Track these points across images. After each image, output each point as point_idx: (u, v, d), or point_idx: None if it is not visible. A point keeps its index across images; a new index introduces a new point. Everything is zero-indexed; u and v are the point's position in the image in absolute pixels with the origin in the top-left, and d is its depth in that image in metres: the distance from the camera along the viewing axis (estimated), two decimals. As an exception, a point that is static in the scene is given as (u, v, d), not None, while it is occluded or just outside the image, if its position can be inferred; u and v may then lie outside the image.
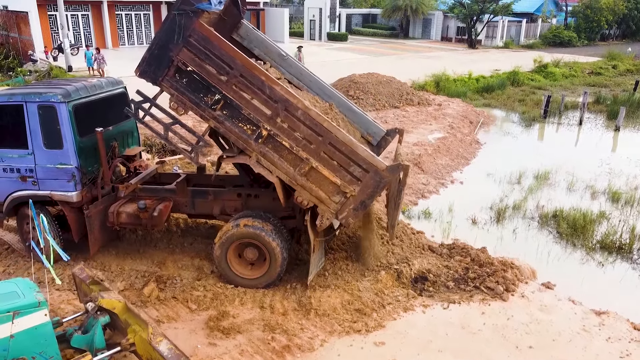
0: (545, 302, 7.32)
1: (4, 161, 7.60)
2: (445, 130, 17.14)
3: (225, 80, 6.70)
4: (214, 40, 6.63)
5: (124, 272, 7.71)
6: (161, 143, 14.75)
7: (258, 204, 7.88)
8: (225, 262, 7.37)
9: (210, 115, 6.87)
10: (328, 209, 6.84)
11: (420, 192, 12.38)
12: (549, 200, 12.00)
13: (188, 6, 6.51)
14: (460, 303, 7.14)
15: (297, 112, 6.64)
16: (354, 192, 6.71)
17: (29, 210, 7.66)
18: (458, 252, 8.45)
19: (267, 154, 6.87)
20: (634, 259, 9.52)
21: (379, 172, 6.62)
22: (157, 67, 6.83)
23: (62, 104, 7.18)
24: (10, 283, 4.75)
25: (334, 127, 6.65)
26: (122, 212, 7.74)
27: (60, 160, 7.39)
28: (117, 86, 8.52)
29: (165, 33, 6.71)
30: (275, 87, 6.64)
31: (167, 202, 7.97)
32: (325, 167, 6.70)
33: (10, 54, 30.95)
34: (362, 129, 8.43)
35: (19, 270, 7.77)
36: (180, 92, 6.87)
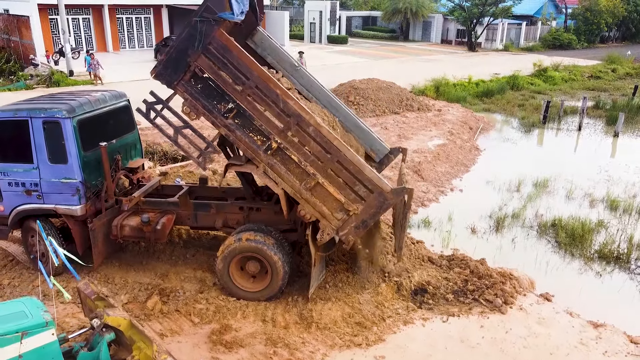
0: (543, 315, 7.41)
1: (9, 175, 7.70)
2: (445, 136, 17.23)
3: (241, 90, 6.77)
4: (233, 49, 6.69)
5: (127, 285, 7.81)
6: (163, 151, 14.89)
7: (260, 217, 7.97)
8: (228, 276, 7.47)
9: (222, 123, 6.94)
10: (329, 225, 6.94)
11: (420, 200, 12.47)
12: (548, 209, 12.10)
13: (210, 14, 6.56)
14: (460, 316, 7.24)
15: (308, 128, 6.73)
16: (357, 210, 6.82)
17: (33, 224, 7.79)
18: (457, 264, 8.55)
19: (274, 165, 6.95)
20: (631, 269, 9.62)
21: (384, 194, 6.72)
22: (173, 71, 6.87)
23: (67, 119, 7.28)
24: (18, 303, 4.85)
25: (343, 145, 6.75)
26: (125, 225, 7.85)
27: (65, 174, 7.49)
28: (120, 99, 8.61)
29: (185, 38, 6.76)
30: (289, 102, 6.72)
31: (170, 215, 8.07)
32: (331, 183, 6.80)
33: (11, 58, 31.09)
34: (367, 145, 8.51)
35: (24, 283, 7.88)
36: (194, 97, 6.93)
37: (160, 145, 15.31)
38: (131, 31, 38.38)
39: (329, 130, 6.79)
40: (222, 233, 8.48)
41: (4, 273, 8.18)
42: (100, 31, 36.42)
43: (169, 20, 39.40)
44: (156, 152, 14.89)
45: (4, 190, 7.80)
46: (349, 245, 7.10)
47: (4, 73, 29.84)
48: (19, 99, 21.49)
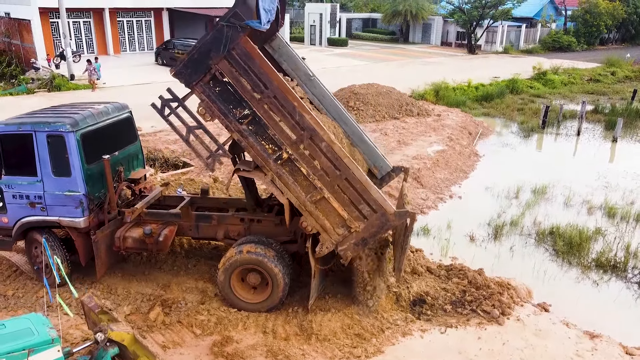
0: (540, 326, 7.51)
1: (13, 188, 7.80)
2: (444, 142, 17.33)
3: (258, 98, 6.84)
4: (255, 57, 6.76)
5: (130, 296, 7.92)
6: (164, 157, 14.98)
7: (260, 228, 8.08)
8: (229, 287, 7.57)
9: (236, 128, 7.01)
10: (330, 239, 7.05)
11: (420, 207, 12.57)
12: (546, 216, 12.20)
13: (238, 20, 6.61)
14: (457, 327, 7.34)
15: (321, 143, 6.82)
16: (359, 228, 6.94)
17: (37, 235, 7.90)
18: (455, 274, 8.65)
19: (283, 175, 7.04)
20: (628, 277, 9.73)
21: (386, 215, 6.84)
22: (193, 71, 6.93)
23: (71, 133, 7.39)
24: (24, 319, 4.95)
25: (353, 164, 6.85)
26: (128, 237, 7.95)
27: (69, 187, 7.60)
28: (122, 111, 8.72)
29: (210, 41, 6.79)
30: (306, 115, 6.80)
31: (172, 226, 8.17)
32: (337, 199, 6.91)
33: (12, 61, 31.18)
34: (371, 161, 8.61)
35: (28, 294, 7.98)
36: (211, 99, 7.00)
37: (162, 151, 15.43)
38: (132, 34, 38.49)
39: (341, 148, 6.89)
40: (223, 244, 8.57)
41: (8, 284, 8.29)
42: (101, 34, 36.53)
43: (169, 23, 39.53)
44: (157, 158, 14.99)
45: (9, 202, 7.89)
46: (346, 261, 7.21)
47: (5, 76, 29.95)
48: (20, 104, 21.59)
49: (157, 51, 33.59)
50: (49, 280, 7.81)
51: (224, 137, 7.72)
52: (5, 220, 8.04)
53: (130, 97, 23.03)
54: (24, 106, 21.15)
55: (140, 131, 17.06)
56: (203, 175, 13.38)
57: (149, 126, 17.39)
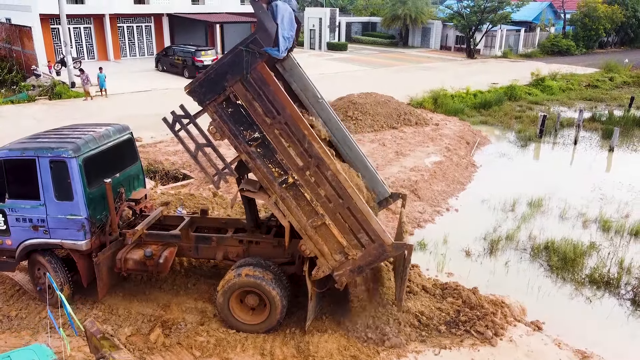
0: (532, 347, 7.67)
1: (16, 211, 7.97)
2: (441, 152, 17.49)
3: (269, 123, 7.00)
4: (270, 84, 6.93)
5: (130, 316, 8.08)
6: (164, 170, 15.14)
7: (259, 250, 8.24)
8: (228, 309, 7.74)
9: (245, 150, 7.18)
10: (327, 264, 7.24)
11: (417, 221, 12.73)
12: (542, 230, 12.36)
13: (257, 47, 6.79)
14: (451, 348, 7.50)
15: (327, 172, 7.01)
16: (356, 256, 7.12)
17: (39, 257, 8.07)
18: (450, 293, 8.80)
19: (286, 199, 7.22)
20: (621, 294, 9.87)
21: (384, 246, 7.04)
22: (208, 91, 7.09)
23: (73, 159, 7.54)
24: (28, 351, 5.11)
25: (356, 194, 7.03)
26: (129, 259, 8.12)
27: (71, 211, 7.76)
28: (124, 133, 8.88)
29: (227, 63, 6.94)
30: (314, 144, 6.98)
31: (172, 247, 8.34)
32: (337, 226, 7.10)
33: (13, 68, 31.36)
34: (370, 186, 8.77)
35: (31, 315, 8.14)
36: (223, 119, 7.16)
37: (162, 163, 15.59)
38: (132, 40, 38.70)
39: (346, 178, 7.06)
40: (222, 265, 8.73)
41: (11, 304, 8.45)
42: (101, 40, 36.75)
43: (169, 28, 39.73)
44: (157, 171, 15.15)
45: (12, 225, 8.05)
46: (341, 286, 7.38)
47: (6, 83, 30.15)
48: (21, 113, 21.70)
49: (157, 57, 33.77)
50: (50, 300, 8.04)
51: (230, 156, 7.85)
52: (9, 243, 8.20)
53: (130, 105, 23.40)
54: (25, 115, 21.37)
55: (140, 142, 17.30)
56: (203, 189, 13.54)
57: (149, 137, 17.57)
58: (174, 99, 7.55)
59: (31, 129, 15.58)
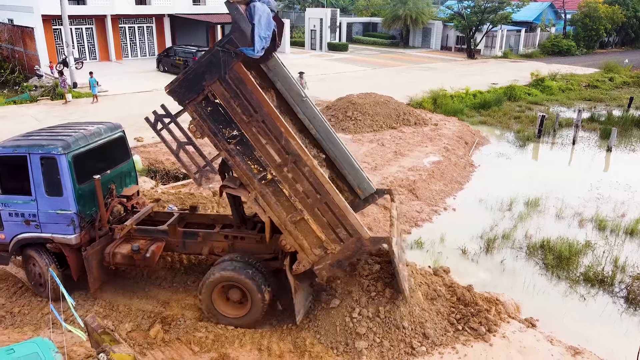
0: (524, 343, 7.80)
1: (9, 206, 8.27)
2: (440, 152, 17.62)
3: (247, 121, 7.18)
4: (247, 83, 7.10)
5: (131, 313, 8.23)
6: (165, 169, 15.30)
7: (244, 245, 8.43)
8: (211, 303, 7.94)
9: (224, 147, 7.37)
10: (307, 258, 7.43)
11: (414, 220, 12.86)
12: (538, 229, 12.48)
13: (232, 47, 6.97)
14: (445, 345, 7.63)
15: (304, 168, 7.17)
16: (335, 250, 7.29)
17: (32, 252, 8.33)
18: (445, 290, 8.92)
19: (266, 195, 7.39)
20: (615, 292, 10.00)
21: (362, 240, 7.19)
22: (187, 90, 7.31)
23: (62, 155, 7.82)
24: (31, 344, 5.27)
25: (333, 190, 7.18)
26: (117, 253, 8.36)
27: (61, 206, 8.03)
28: (115, 131, 9.14)
29: (205, 63, 7.16)
30: (292, 141, 7.15)
31: (160, 242, 8.54)
32: (315, 221, 7.26)
33: (16, 68, 31.57)
34: (355, 183, 8.93)
35: (34, 311, 8.31)
36: (202, 118, 7.36)
37: (162, 163, 15.75)
38: (134, 40, 38.88)
39: (323, 174, 7.22)
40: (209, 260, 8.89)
41: (14, 300, 8.62)
42: (103, 41, 36.95)
43: (170, 29, 39.93)
44: (158, 170, 15.32)
45: (5, 220, 8.36)
46: (322, 281, 7.57)
47: (9, 83, 30.37)
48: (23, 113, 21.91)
49: (158, 58, 33.96)
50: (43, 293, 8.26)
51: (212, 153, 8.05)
52: (2, 237, 8.50)
53: (132, 105, 23.53)
54: (27, 116, 21.56)
55: (142, 142, 17.49)
56: (203, 189, 13.69)
57: (150, 137, 17.72)
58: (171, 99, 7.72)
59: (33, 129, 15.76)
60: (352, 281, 8.10)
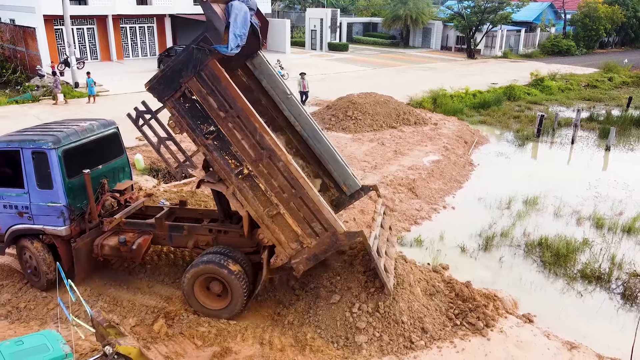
0: (521, 338, 7.94)
1: (4, 199, 8.59)
2: (440, 152, 17.75)
3: (223, 117, 7.38)
4: (222, 79, 7.29)
5: (134, 308, 8.37)
6: (167, 168, 15.42)
7: (227, 239, 8.60)
8: (192, 294, 8.12)
9: (202, 142, 7.58)
10: (284, 252, 7.62)
11: (413, 218, 12.99)
12: (536, 227, 12.61)
13: (207, 45, 7.17)
14: (443, 339, 7.76)
15: (278, 163, 7.37)
16: (310, 244, 7.47)
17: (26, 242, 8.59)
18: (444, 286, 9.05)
19: (243, 189, 7.60)
20: (611, 288, 10.13)
21: (337, 234, 7.37)
22: (165, 87, 7.52)
23: (52, 150, 8.07)
24: (40, 336, 5.41)
25: (308, 184, 7.37)
26: (105, 245, 8.57)
27: (51, 199, 8.29)
28: (109, 127, 9.37)
29: (181, 61, 7.37)
30: (265, 136, 7.34)
31: (147, 235, 8.73)
32: (291, 216, 7.45)
33: (17, 68, 31.71)
34: (341, 179, 9.08)
35: (39, 306, 8.45)
36: (181, 114, 7.58)
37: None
38: (135, 40, 39.04)
39: (297, 168, 7.40)
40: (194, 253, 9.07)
41: (20, 296, 8.76)
42: (104, 40, 37.11)
43: (171, 29, 40.09)
44: (160, 169, 15.44)
45: (0, 211, 8.65)
46: (298, 274, 7.76)
47: (10, 83, 30.52)
48: (25, 113, 22.02)
49: (159, 58, 34.10)
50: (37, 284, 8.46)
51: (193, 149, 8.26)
52: None
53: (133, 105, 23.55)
54: (29, 115, 21.71)
55: (144, 141, 17.59)
56: (204, 187, 13.81)
57: (152, 136, 17.85)
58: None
59: (36, 128, 15.89)
60: (352, 277, 8.25)
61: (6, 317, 8.19)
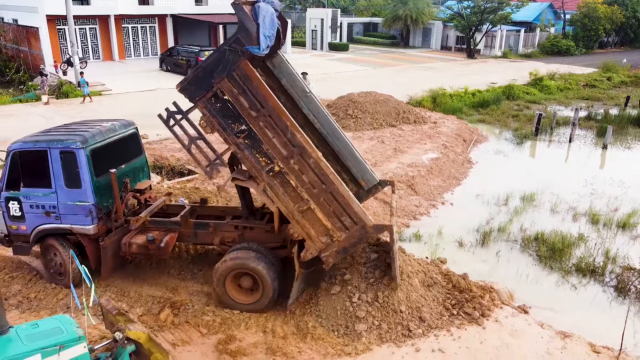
0: (516, 327, 8.19)
1: (30, 199, 8.65)
2: (439, 150, 18.00)
3: (255, 116, 7.56)
4: (254, 80, 7.48)
5: (141, 298, 8.64)
6: (170, 165, 15.71)
7: (253, 235, 8.81)
8: (224, 291, 8.33)
9: (233, 141, 7.77)
10: (314, 246, 7.84)
11: (412, 214, 13.25)
12: (533, 223, 12.85)
13: (239, 46, 7.37)
14: (442, 328, 8.03)
15: (309, 160, 7.56)
16: (340, 238, 7.68)
17: (52, 241, 8.68)
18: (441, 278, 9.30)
19: (274, 186, 7.79)
20: (605, 281, 10.37)
21: (366, 228, 7.59)
22: (197, 88, 7.71)
23: (81, 149, 8.22)
24: (54, 320, 5.65)
25: (338, 180, 7.57)
26: (133, 243, 8.72)
27: (79, 198, 8.42)
28: (129, 127, 9.54)
29: (213, 62, 7.57)
30: (297, 134, 7.54)
31: (173, 233, 8.92)
32: (321, 210, 7.65)
33: (21, 68, 32.01)
34: (359, 174, 9.31)
35: (49, 297, 8.71)
36: (212, 114, 7.76)
37: (167, 159, 16.15)
38: (137, 40, 39.31)
39: (327, 165, 7.61)
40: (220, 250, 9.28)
41: (29, 287, 9.02)
42: (106, 40, 37.36)
43: (173, 29, 40.34)
44: (163, 166, 15.71)
45: (26, 212, 8.72)
46: (327, 267, 7.97)
47: (14, 83, 30.80)
48: (30, 112, 22.29)
49: (161, 57, 34.38)
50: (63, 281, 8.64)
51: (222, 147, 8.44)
52: (24, 228, 8.85)
53: (136, 104, 23.94)
54: (33, 114, 21.96)
55: (147, 139, 17.86)
56: (207, 184, 14.09)
57: (155, 134, 18.12)
58: (178, 98, 8.13)
59: (39, 126, 16.12)
60: (352, 269, 8.50)
61: (17, 307, 8.45)
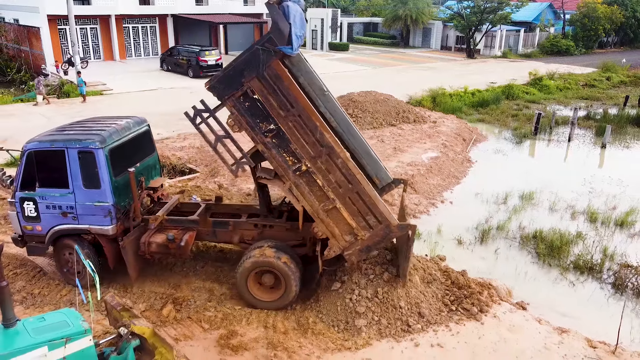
0: (514, 323, 8.31)
1: (47, 199, 8.52)
2: (438, 149, 18.10)
3: (284, 116, 7.61)
4: (285, 79, 7.53)
5: (144, 294, 8.74)
6: (171, 164, 15.82)
7: (272, 233, 8.86)
8: (246, 288, 8.38)
9: (261, 140, 7.82)
10: (337, 244, 7.92)
11: (412, 212, 13.34)
12: (532, 221, 12.96)
13: (272, 45, 7.41)
14: (441, 323, 8.14)
15: (337, 160, 7.65)
16: (364, 236, 7.79)
17: (68, 241, 8.67)
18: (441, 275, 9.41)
19: (300, 185, 7.87)
20: (603, 278, 10.49)
21: (390, 227, 7.71)
22: (226, 87, 7.72)
23: (100, 149, 8.12)
24: (60, 313, 5.76)
25: (364, 180, 7.68)
26: (152, 242, 8.67)
27: (98, 198, 8.33)
28: (142, 125, 9.50)
29: (244, 61, 7.54)
30: (326, 134, 7.62)
31: (192, 232, 8.89)
32: (347, 210, 7.75)
33: (22, 67, 32.11)
34: (373, 172, 9.40)
35: (52, 293, 8.82)
36: (241, 113, 7.78)
37: (169, 158, 16.25)
38: (137, 40, 39.41)
39: (354, 165, 7.70)
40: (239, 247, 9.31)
41: (33, 283, 9.12)
42: (107, 40, 37.46)
43: (173, 29, 40.44)
44: (165, 165, 15.81)
45: (42, 212, 8.59)
46: (351, 265, 8.04)
47: (15, 82, 30.92)
48: (31, 111, 22.34)
49: (162, 57, 34.50)
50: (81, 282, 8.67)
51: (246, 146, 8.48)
52: (39, 228, 8.74)
53: (137, 104, 24.07)
54: (34, 114, 22.07)
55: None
56: (208, 182, 14.21)
57: (156, 133, 18.14)
58: (179, 97, 8.20)
59: (41, 126, 16.28)
60: (352, 266, 8.60)
61: (21, 303, 8.54)
